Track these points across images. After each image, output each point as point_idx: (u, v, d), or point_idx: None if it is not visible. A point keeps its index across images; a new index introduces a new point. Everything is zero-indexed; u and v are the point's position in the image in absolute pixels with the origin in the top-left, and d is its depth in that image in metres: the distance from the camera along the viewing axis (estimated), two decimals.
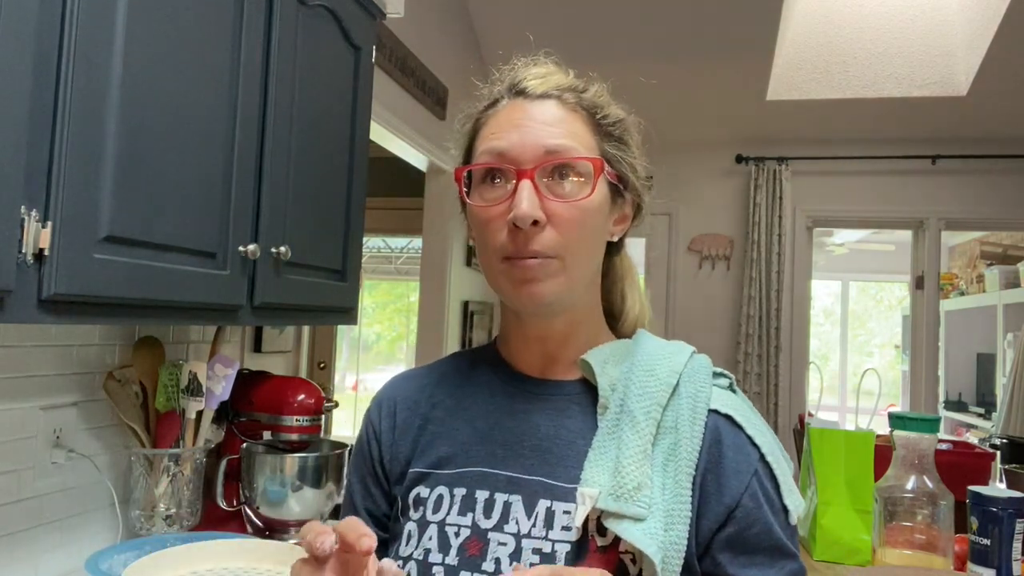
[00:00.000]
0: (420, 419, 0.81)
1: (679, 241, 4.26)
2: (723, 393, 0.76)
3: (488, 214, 0.73)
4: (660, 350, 0.77)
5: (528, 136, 0.72)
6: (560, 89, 0.76)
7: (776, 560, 0.70)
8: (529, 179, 0.71)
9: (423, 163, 3.09)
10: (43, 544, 1.31)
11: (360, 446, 0.85)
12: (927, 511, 1.42)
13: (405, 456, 0.80)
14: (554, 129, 0.73)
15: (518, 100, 0.76)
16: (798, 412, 4.01)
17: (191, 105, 1.09)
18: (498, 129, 0.75)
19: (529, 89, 0.76)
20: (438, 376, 0.85)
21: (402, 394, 0.85)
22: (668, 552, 0.66)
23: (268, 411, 1.62)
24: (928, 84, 3.61)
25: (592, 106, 0.77)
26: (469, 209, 0.76)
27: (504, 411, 0.78)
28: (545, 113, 0.74)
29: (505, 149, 0.73)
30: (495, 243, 0.73)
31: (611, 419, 0.72)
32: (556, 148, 0.72)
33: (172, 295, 1.06)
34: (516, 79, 0.78)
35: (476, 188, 0.75)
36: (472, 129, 0.79)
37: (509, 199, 0.71)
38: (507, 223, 0.71)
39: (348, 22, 1.53)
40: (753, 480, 0.71)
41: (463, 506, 0.73)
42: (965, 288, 5.43)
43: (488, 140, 0.75)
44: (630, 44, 3.42)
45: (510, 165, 0.72)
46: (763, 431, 0.74)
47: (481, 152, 0.75)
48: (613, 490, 0.67)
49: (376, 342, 7.43)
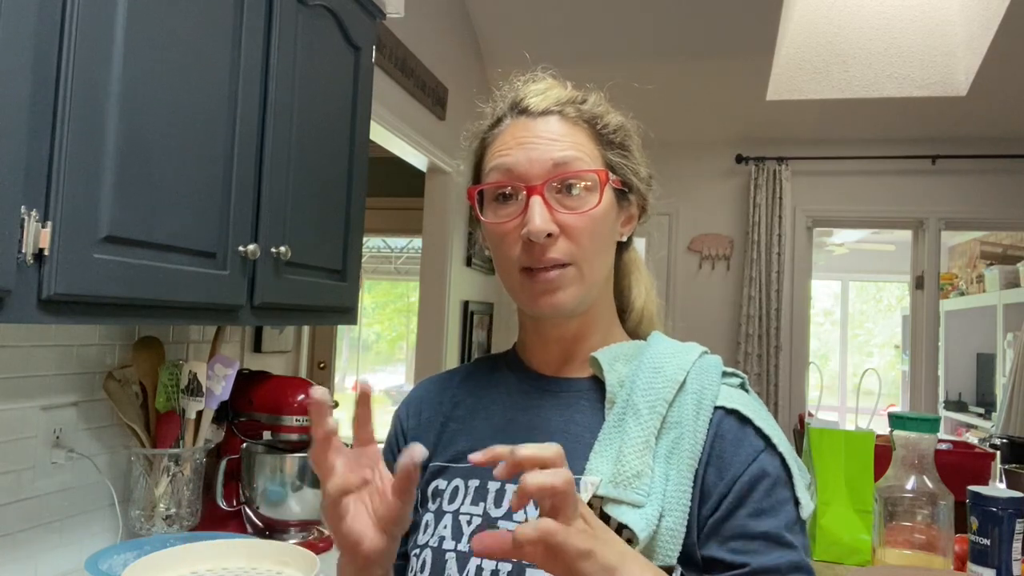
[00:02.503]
0: (442, 417, 0.86)
1: (679, 241, 4.26)
2: (733, 391, 0.77)
3: (502, 230, 0.77)
4: (670, 349, 0.80)
5: (534, 152, 0.76)
6: (560, 103, 0.79)
7: (771, 548, 0.69)
8: (539, 194, 0.75)
9: (423, 163, 3.09)
10: (43, 544, 1.31)
11: (389, 443, 0.90)
12: (927, 511, 1.42)
13: (428, 452, 0.83)
14: (559, 143, 0.77)
15: (521, 118, 0.80)
16: (798, 412, 4.01)
17: (191, 105, 1.09)
18: (504, 147, 0.78)
19: (531, 107, 0.79)
20: (461, 378, 0.90)
21: (428, 395, 0.90)
22: (662, 538, 0.68)
23: (268, 411, 1.62)
24: (928, 84, 3.61)
25: (592, 117, 0.80)
26: (484, 225, 0.80)
27: (519, 407, 0.82)
28: (549, 129, 0.78)
29: (513, 165, 0.76)
30: (512, 256, 0.77)
31: (617, 413, 0.75)
32: (562, 160, 0.76)
33: (172, 295, 1.06)
34: (517, 97, 0.81)
35: (488, 205, 0.79)
36: (479, 148, 0.84)
37: (521, 215, 0.75)
38: (521, 237, 0.75)
39: (348, 22, 1.53)
40: (752, 466, 0.71)
41: (476, 496, 0.77)
42: (965, 288, 5.43)
43: (496, 158, 0.79)
44: (630, 44, 3.42)
45: (519, 182, 0.76)
46: (772, 425, 0.76)
47: (490, 170, 0.79)
48: (613, 477, 0.70)
49: (376, 342, 7.42)
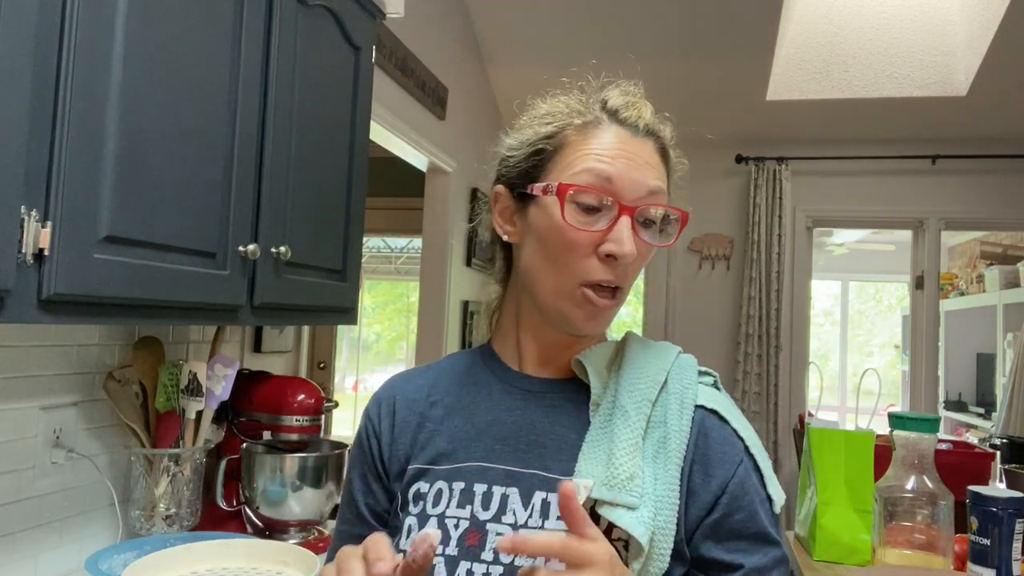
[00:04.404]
0: (418, 417, 0.83)
1: (679, 241, 4.25)
2: (708, 390, 0.80)
3: (580, 237, 0.74)
4: (648, 350, 0.81)
5: (636, 173, 0.74)
6: (656, 131, 0.78)
7: (760, 546, 0.73)
8: (629, 216, 0.73)
9: (423, 163, 3.09)
10: (43, 544, 1.31)
11: (360, 442, 0.87)
12: (927, 511, 1.42)
13: (404, 453, 0.82)
14: (655, 171, 0.76)
15: (620, 129, 0.76)
16: (798, 412, 4.01)
17: (191, 105, 1.09)
18: (605, 154, 0.74)
19: (630, 120, 0.77)
20: (436, 375, 0.87)
21: (401, 393, 0.86)
22: (656, 537, 0.70)
23: (268, 411, 1.62)
24: (928, 84, 3.61)
25: (668, 151, 0.80)
26: (552, 221, 0.74)
27: (502, 408, 0.81)
28: (647, 151, 0.77)
29: (614, 176, 0.74)
30: (578, 267, 0.74)
31: (603, 415, 0.76)
32: (657, 190, 0.75)
33: (172, 295, 1.06)
34: (615, 105, 0.77)
35: (569, 204, 0.73)
36: (556, 135, 0.77)
37: (606, 231, 0.73)
38: (596, 252, 0.73)
39: (348, 22, 1.53)
40: (739, 469, 0.75)
41: (462, 499, 0.75)
42: (965, 288, 5.43)
43: (592, 160, 0.74)
44: (630, 44, 3.42)
45: (613, 196, 0.73)
46: (746, 425, 0.79)
47: (581, 170, 0.74)
48: (607, 480, 0.71)
49: (376, 342, 7.43)
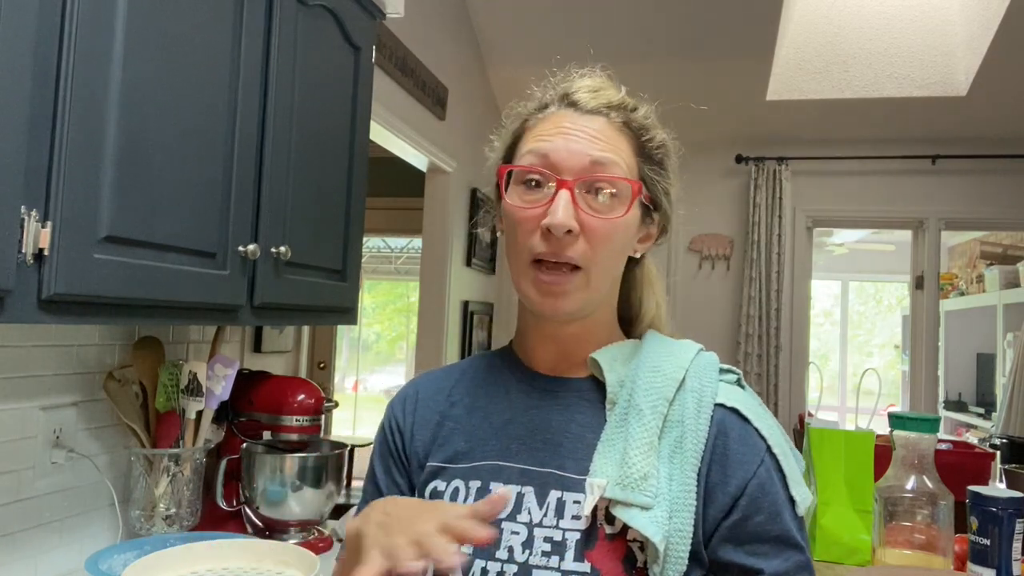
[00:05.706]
0: (438, 416, 0.84)
1: (679, 241, 4.26)
2: (731, 388, 0.78)
3: (524, 215, 0.75)
4: (667, 347, 0.80)
5: (575, 145, 0.75)
6: (610, 107, 0.78)
7: (782, 550, 0.71)
8: (568, 190, 0.73)
9: (423, 163, 3.09)
10: (43, 544, 1.31)
11: (383, 435, 0.88)
12: (927, 511, 1.42)
13: (424, 450, 0.83)
14: (600, 143, 0.76)
15: (568, 110, 0.78)
16: (798, 412, 4.01)
17: (191, 105, 1.09)
18: (545, 133, 0.77)
19: (580, 102, 0.78)
20: (458, 375, 0.89)
21: (423, 391, 0.88)
22: (673, 539, 0.69)
23: (268, 411, 1.62)
24: (928, 84, 3.61)
25: (639, 128, 0.79)
26: (504, 206, 0.78)
27: (518, 407, 0.81)
28: (593, 127, 0.76)
29: (550, 152, 0.75)
30: (526, 244, 0.75)
31: (619, 414, 0.75)
32: (600, 161, 0.75)
33: (172, 295, 1.06)
34: (569, 89, 0.80)
35: (515, 187, 0.77)
36: (519, 128, 0.82)
37: (546, 204, 0.74)
38: (540, 227, 0.74)
39: (348, 22, 1.53)
40: (760, 470, 0.73)
41: (478, 497, 0.76)
42: (965, 288, 5.42)
43: (534, 142, 0.77)
44: (630, 44, 3.42)
45: (552, 171, 0.74)
46: (771, 424, 0.77)
47: (525, 152, 0.77)
48: (620, 480, 0.70)
49: (376, 342, 7.42)
